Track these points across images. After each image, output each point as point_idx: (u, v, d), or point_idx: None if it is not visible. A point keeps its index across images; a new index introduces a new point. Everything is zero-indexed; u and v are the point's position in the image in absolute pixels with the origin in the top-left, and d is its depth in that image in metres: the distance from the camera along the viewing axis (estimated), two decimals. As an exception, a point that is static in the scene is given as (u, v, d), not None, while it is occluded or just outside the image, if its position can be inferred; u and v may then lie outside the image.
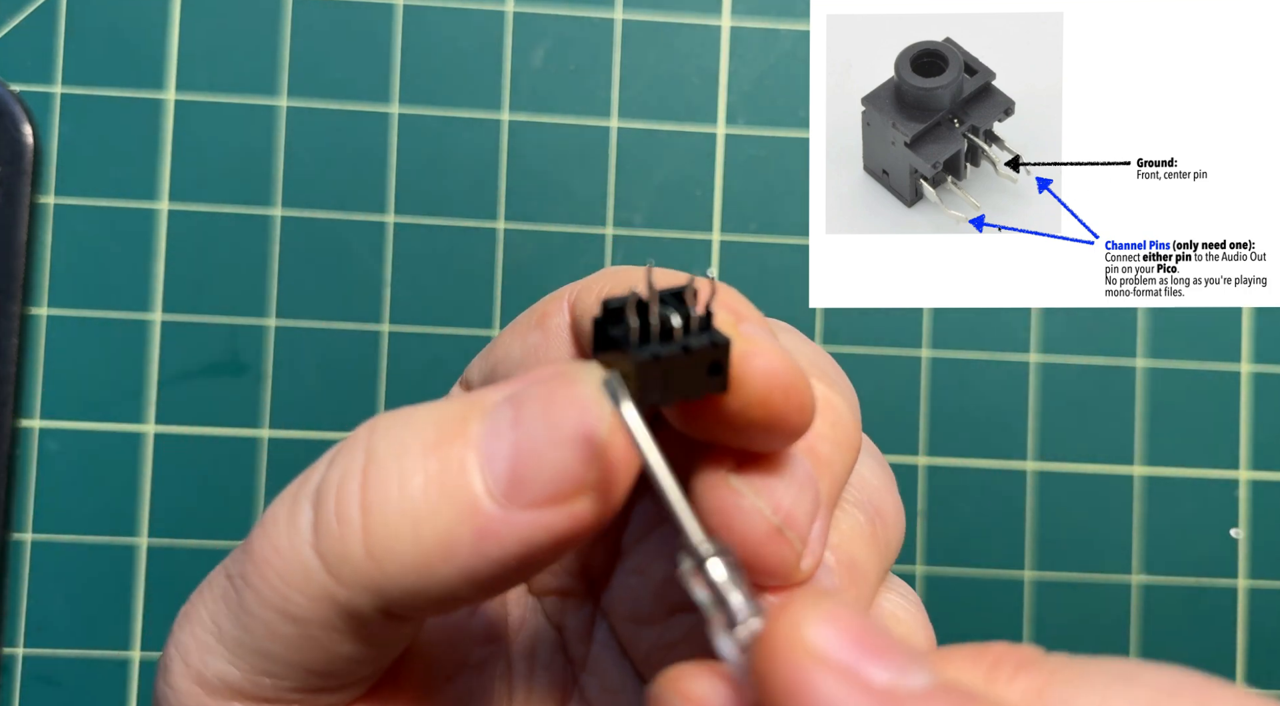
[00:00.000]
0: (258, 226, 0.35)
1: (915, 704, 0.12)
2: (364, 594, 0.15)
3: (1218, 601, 0.36)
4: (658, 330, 0.15)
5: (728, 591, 0.14)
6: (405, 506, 0.15)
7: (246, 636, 0.16)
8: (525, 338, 0.20)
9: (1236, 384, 0.36)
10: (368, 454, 0.16)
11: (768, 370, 0.16)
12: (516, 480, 0.15)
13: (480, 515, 0.15)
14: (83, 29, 0.35)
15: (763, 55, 0.36)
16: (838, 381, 0.19)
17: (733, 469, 0.17)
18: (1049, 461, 0.36)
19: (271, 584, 0.16)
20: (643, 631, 0.20)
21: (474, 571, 0.15)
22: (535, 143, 0.36)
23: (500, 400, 0.16)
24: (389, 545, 0.15)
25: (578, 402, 0.15)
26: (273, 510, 0.16)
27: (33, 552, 0.34)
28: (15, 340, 0.34)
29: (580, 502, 0.15)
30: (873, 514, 0.19)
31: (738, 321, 0.16)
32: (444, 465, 0.15)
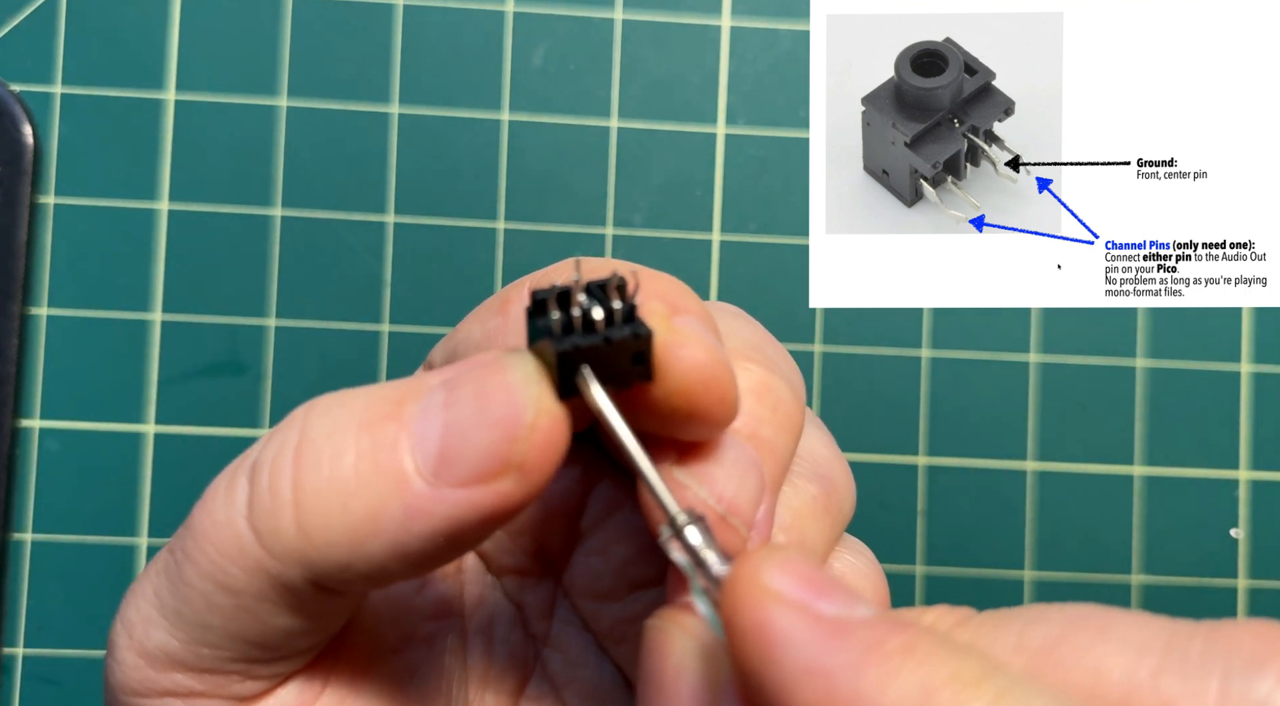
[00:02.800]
0: (258, 226, 0.35)
1: (859, 628, 0.13)
2: (295, 567, 0.16)
3: (1218, 601, 0.36)
4: (580, 322, 0.16)
5: (704, 553, 0.15)
6: (336, 482, 0.16)
7: (185, 607, 0.17)
8: (485, 322, 0.20)
9: (1236, 384, 0.36)
10: (302, 431, 0.16)
11: (689, 361, 0.16)
12: (445, 459, 0.15)
13: (409, 492, 0.15)
14: (83, 29, 0.35)
15: (763, 55, 0.36)
16: (779, 363, 0.19)
17: (676, 459, 0.17)
18: (1049, 461, 0.36)
19: (208, 555, 0.16)
20: (605, 607, 0.21)
21: (402, 547, 0.16)
22: (535, 143, 0.36)
23: (436, 383, 0.16)
24: (319, 519, 0.16)
25: (506, 387, 0.16)
26: (213, 485, 0.17)
27: (33, 552, 0.34)
28: (15, 340, 0.34)
29: (505, 482, 0.16)
30: (825, 485, 0.20)
31: (673, 313, 0.17)
32: (375, 442, 0.16)
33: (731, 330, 0.19)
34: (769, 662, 0.13)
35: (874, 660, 0.13)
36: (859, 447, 0.36)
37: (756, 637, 0.13)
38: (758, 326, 0.21)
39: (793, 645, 0.13)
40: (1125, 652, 0.14)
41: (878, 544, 0.35)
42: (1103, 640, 0.14)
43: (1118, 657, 0.14)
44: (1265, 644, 0.13)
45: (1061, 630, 0.14)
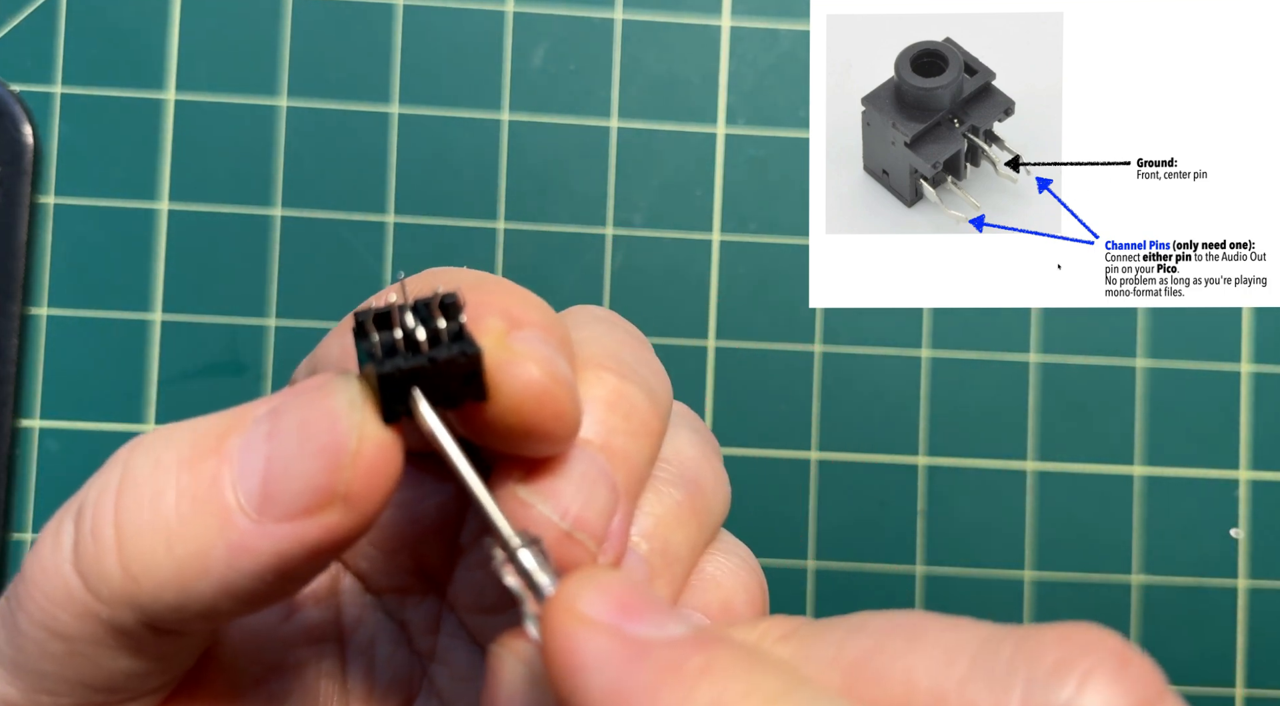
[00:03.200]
0: (258, 226, 0.35)
1: (661, 648, 0.13)
2: (125, 610, 0.15)
3: (1218, 601, 0.36)
4: (404, 343, 0.15)
5: (537, 576, 0.15)
6: (158, 522, 0.15)
7: (20, 655, 0.16)
8: (343, 338, 0.20)
9: (1236, 384, 0.36)
10: (124, 471, 0.16)
11: (521, 379, 0.16)
12: (268, 494, 0.15)
13: (233, 529, 0.15)
14: (83, 29, 0.35)
15: (763, 55, 0.36)
16: (637, 369, 0.19)
17: (522, 476, 0.17)
18: (1049, 461, 0.36)
19: (38, 603, 0.16)
20: (491, 620, 0.21)
21: (231, 585, 0.15)
22: (535, 143, 0.36)
23: (262, 413, 0.16)
24: (144, 562, 0.15)
25: (329, 415, 0.15)
26: (43, 530, 0.16)
27: (33, 552, 0.34)
28: (15, 340, 0.34)
29: (331, 514, 0.15)
30: (691, 488, 0.19)
31: (513, 327, 0.16)
32: (196, 480, 0.15)
33: (589, 338, 0.19)
34: (575, 687, 0.13)
35: (671, 680, 0.13)
36: (859, 448, 0.36)
37: (565, 662, 0.13)
38: (621, 329, 0.20)
39: (596, 668, 0.13)
40: (934, 661, 0.14)
41: (877, 544, 0.36)
42: (914, 649, 0.14)
43: (927, 666, 0.14)
44: (1069, 648, 0.13)
45: (876, 640, 0.14)
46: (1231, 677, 0.36)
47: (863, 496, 0.36)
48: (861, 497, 0.36)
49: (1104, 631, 0.14)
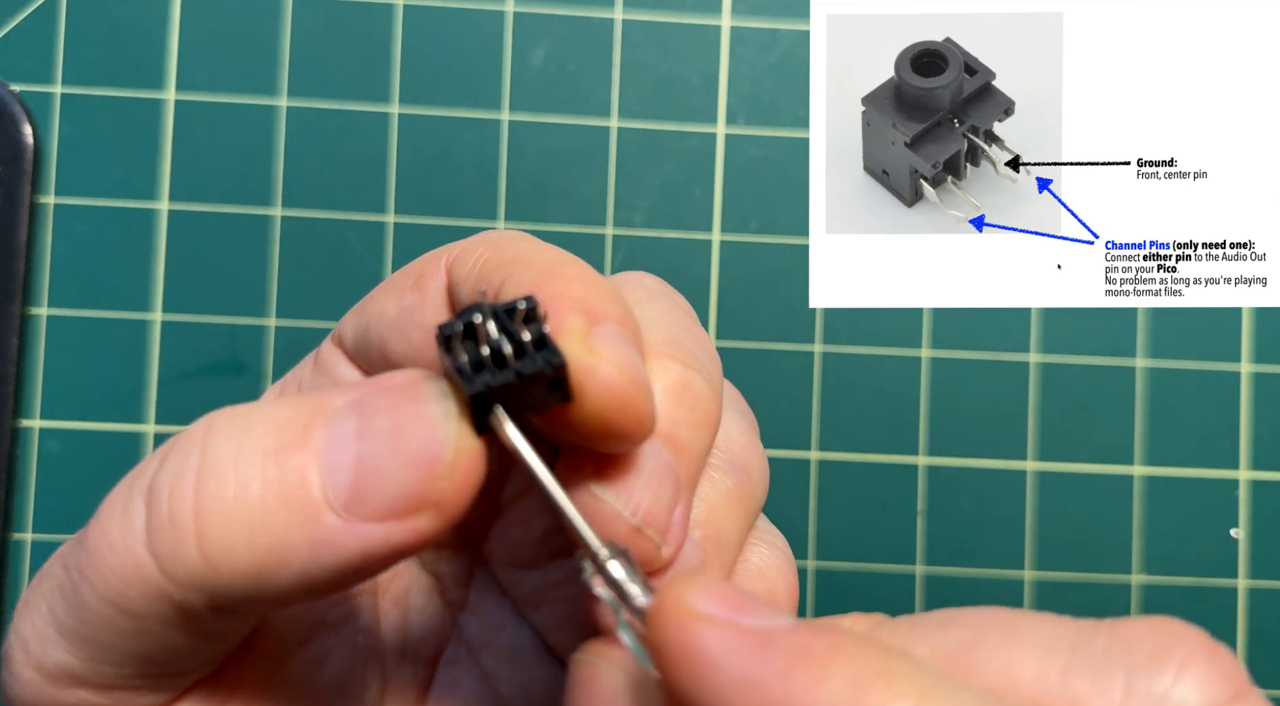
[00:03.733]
0: (258, 226, 0.35)
1: (784, 636, 0.14)
2: (197, 593, 0.15)
3: (1218, 601, 0.36)
4: (490, 358, 0.16)
5: (627, 586, 0.16)
6: (241, 512, 0.15)
7: (84, 628, 0.16)
8: (401, 298, 0.20)
9: (1236, 384, 0.36)
10: (203, 455, 0.16)
11: (605, 385, 0.16)
12: (359, 493, 0.15)
13: (319, 525, 0.15)
14: (83, 29, 0.35)
15: (763, 55, 0.36)
16: (697, 355, 0.19)
17: (593, 471, 0.17)
18: (1049, 461, 0.36)
19: (106, 579, 0.16)
20: (525, 576, 0.21)
21: (309, 578, 0.15)
22: (535, 143, 0.36)
23: (344, 406, 0.16)
24: (224, 550, 0.15)
25: (424, 422, 0.15)
26: (108, 504, 0.17)
27: (33, 552, 0.34)
28: (15, 340, 0.34)
29: (421, 519, 0.15)
30: (740, 475, 0.20)
31: (591, 323, 0.17)
32: (283, 473, 0.15)
33: (651, 320, 0.19)
34: (701, 681, 0.13)
35: (802, 664, 0.13)
36: (859, 447, 0.36)
37: (687, 658, 0.14)
38: (675, 306, 0.21)
39: (723, 660, 0.13)
40: (1034, 653, 0.14)
41: (878, 544, 0.35)
42: (1012, 642, 0.14)
43: (1027, 658, 0.14)
44: (1163, 640, 0.14)
45: (972, 633, 0.14)
46: (1231, 677, 0.36)
47: (863, 496, 0.36)
48: (861, 497, 0.36)
49: (1189, 625, 0.14)
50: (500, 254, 0.19)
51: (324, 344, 0.22)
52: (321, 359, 0.22)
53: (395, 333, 0.20)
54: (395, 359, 0.20)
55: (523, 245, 0.19)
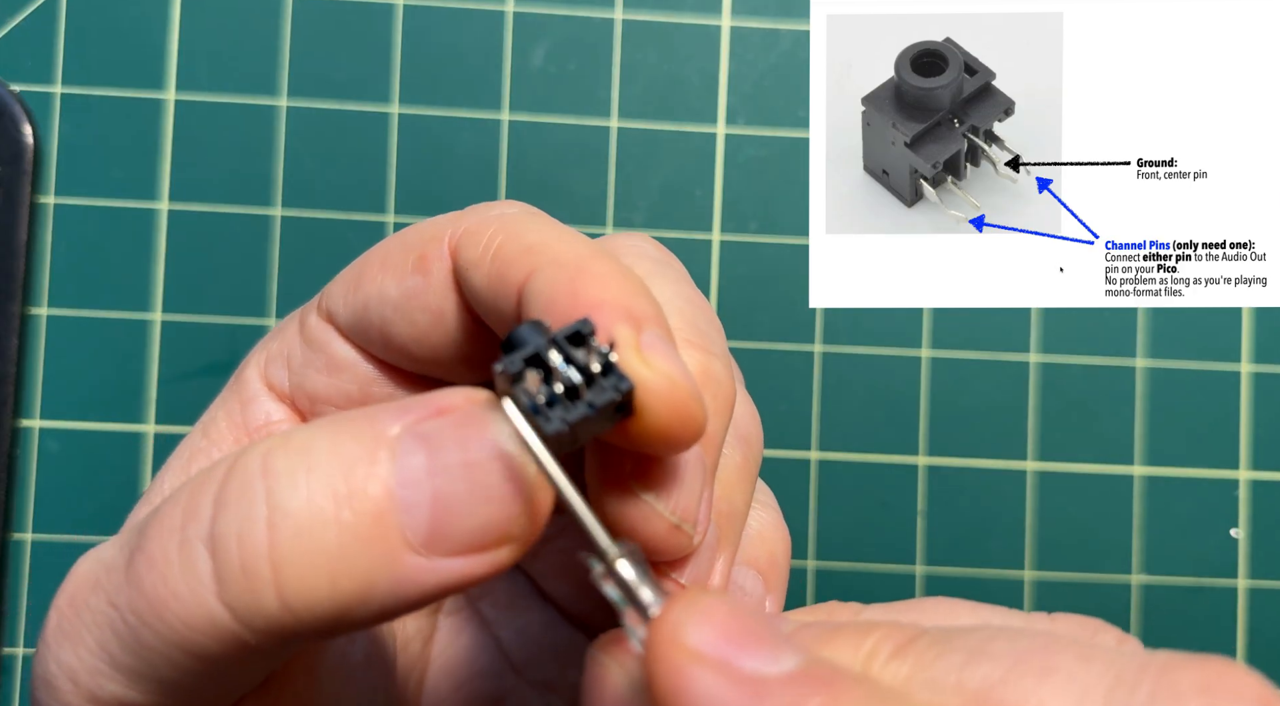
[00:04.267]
0: (258, 226, 0.35)
1: (779, 688, 0.13)
2: (275, 638, 0.15)
3: (1218, 601, 0.36)
4: (563, 393, 0.15)
5: (638, 588, 0.15)
6: (320, 560, 0.15)
7: (145, 667, 0.16)
8: (402, 280, 0.20)
9: (1236, 384, 0.36)
10: (270, 500, 0.15)
11: (668, 404, 0.16)
12: (438, 531, 0.15)
13: (400, 565, 0.15)
14: (83, 29, 0.35)
15: (763, 55, 0.36)
16: (710, 335, 0.19)
17: (633, 471, 0.17)
18: (1049, 461, 0.36)
19: (173, 627, 0.15)
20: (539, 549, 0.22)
21: (389, 611, 0.15)
22: (535, 143, 0.36)
23: (403, 435, 0.15)
24: (305, 598, 0.15)
25: (499, 460, 0.15)
26: (161, 547, 0.16)
27: (33, 552, 0.34)
28: (15, 340, 0.34)
29: (501, 552, 0.15)
30: (745, 447, 0.20)
31: (637, 330, 0.16)
32: (359, 517, 0.15)
33: (666, 300, 0.19)
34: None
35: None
36: (859, 447, 0.36)
37: (674, 699, 0.13)
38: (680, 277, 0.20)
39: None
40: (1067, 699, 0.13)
41: (878, 544, 0.35)
42: (1045, 683, 0.13)
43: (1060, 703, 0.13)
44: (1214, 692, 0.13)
45: (1004, 672, 0.14)
46: (1231, 677, 0.36)
47: (863, 496, 0.36)
48: (861, 497, 0.36)
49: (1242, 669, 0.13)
50: (515, 240, 0.18)
51: (309, 318, 0.22)
52: (310, 334, 0.22)
53: (399, 315, 0.20)
54: (399, 341, 0.20)
55: (536, 227, 0.19)
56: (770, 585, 0.20)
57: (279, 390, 0.21)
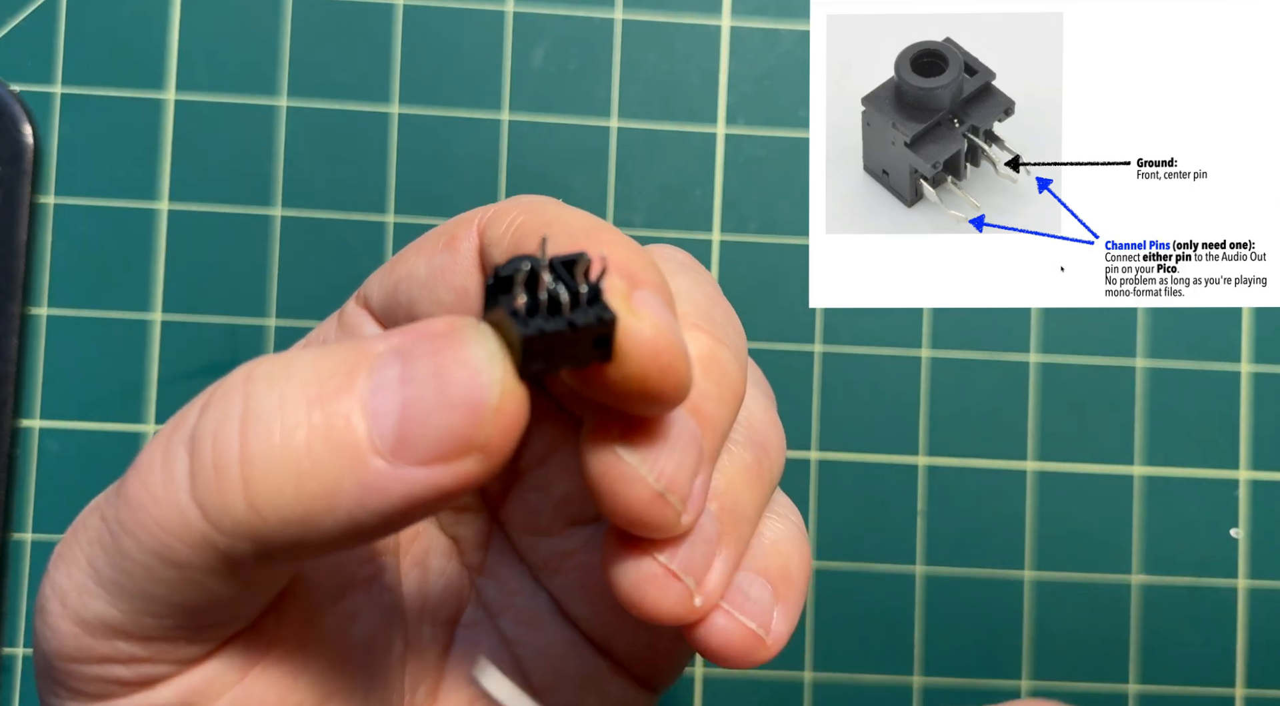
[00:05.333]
0: (258, 226, 0.35)
1: None
2: (244, 542, 0.16)
3: (1218, 601, 0.36)
4: (545, 304, 0.16)
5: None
6: (287, 459, 0.15)
7: (126, 579, 0.16)
8: (431, 258, 0.20)
9: (1236, 384, 0.36)
10: (246, 404, 0.16)
11: (648, 348, 0.16)
12: (404, 437, 0.15)
13: (366, 470, 0.15)
14: (83, 29, 0.35)
15: (763, 55, 0.36)
16: (726, 328, 0.19)
17: (619, 433, 0.17)
18: (1049, 461, 0.36)
19: (149, 530, 0.16)
20: (541, 541, 0.21)
21: (356, 522, 0.15)
22: (535, 143, 0.36)
23: (385, 351, 0.16)
24: (270, 497, 0.15)
25: (468, 366, 0.15)
26: (146, 455, 0.16)
27: (33, 552, 0.34)
28: (15, 340, 0.34)
29: (466, 462, 0.15)
30: (759, 450, 0.20)
31: (632, 287, 0.17)
32: (329, 419, 0.15)
33: (682, 292, 0.19)
34: None
35: None
36: (859, 447, 0.36)
37: None
38: (705, 279, 0.21)
39: None
40: None
41: (878, 544, 0.35)
42: None
43: None
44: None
45: None
46: (1231, 677, 0.36)
47: (863, 496, 0.36)
48: (861, 497, 0.36)
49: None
50: (535, 217, 0.19)
51: (348, 304, 0.22)
52: (346, 319, 0.22)
53: (425, 292, 0.20)
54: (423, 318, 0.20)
55: (558, 209, 0.19)
56: (781, 597, 0.19)
57: None
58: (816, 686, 0.35)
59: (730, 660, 0.19)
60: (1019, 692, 0.35)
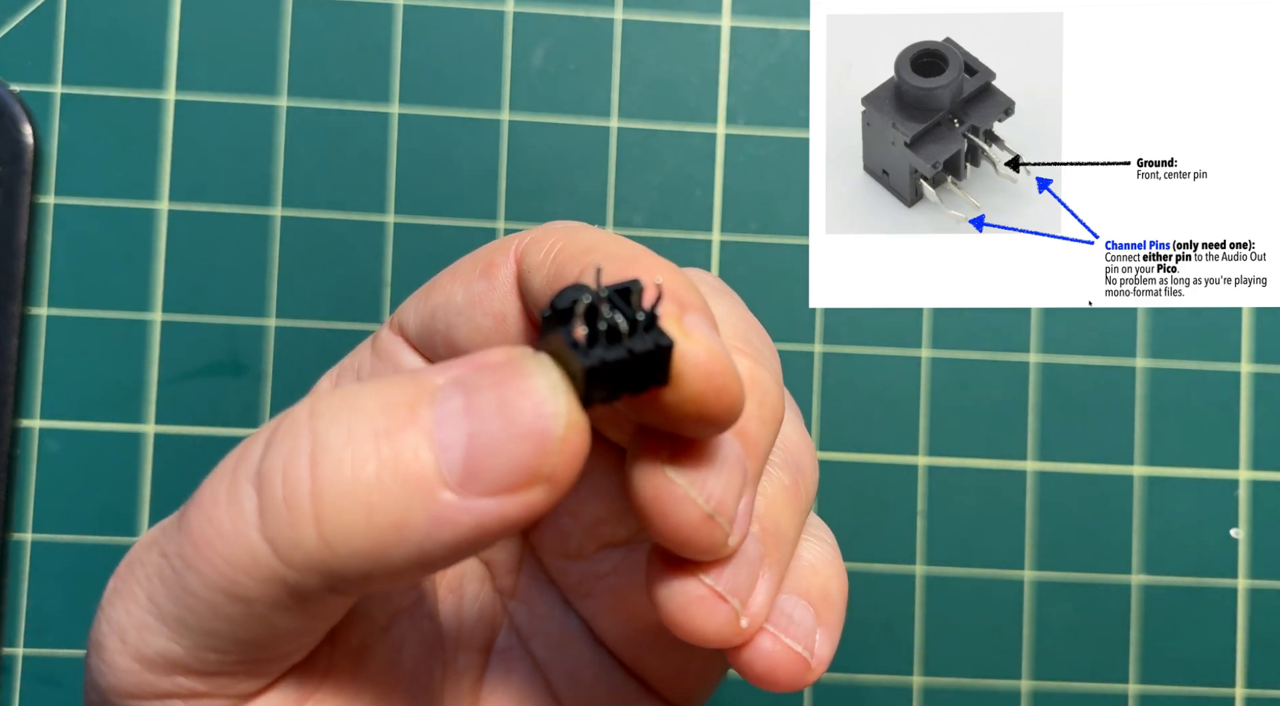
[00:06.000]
0: (258, 226, 0.35)
1: None
2: (314, 576, 0.16)
3: (1218, 601, 0.36)
4: (605, 333, 0.16)
5: None
6: (358, 493, 0.15)
7: (190, 615, 0.16)
8: (469, 285, 0.20)
9: (1236, 384, 0.36)
10: (314, 439, 0.16)
11: (705, 371, 0.16)
12: (472, 469, 0.15)
13: (435, 502, 0.15)
14: (83, 29, 0.35)
15: (763, 55, 0.36)
16: (763, 351, 0.20)
17: (668, 456, 0.17)
18: (1049, 461, 0.36)
19: (216, 567, 0.16)
20: (572, 564, 0.22)
21: (425, 554, 0.16)
22: (535, 143, 0.36)
23: (446, 384, 0.16)
24: (342, 530, 0.15)
25: (532, 397, 0.15)
26: (210, 490, 0.17)
27: (33, 552, 0.34)
28: (15, 340, 0.34)
29: (534, 492, 0.15)
30: (795, 472, 0.20)
31: (682, 311, 0.17)
32: (397, 452, 0.15)
33: (721, 317, 0.19)
34: None
35: None
36: (859, 447, 0.36)
37: None
38: (738, 303, 0.21)
39: None
40: None
41: (878, 544, 0.35)
42: None
43: None
44: None
45: None
46: (1231, 677, 0.36)
47: (863, 496, 0.36)
48: (861, 497, 0.36)
49: None
50: (575, 243, 0.19)
51: (382, 331, 0.22)
52: (380, 347, 0.22)
53: (463, 319, 0.20)
54: (461, 345, 0.20)
55: (596, 236, 0.19)
56: (822, 619, 0.20)
57: None
58: (817, 686, 0.35)
59: (776, 683, 0.19)
60: (1019, 692, 0.35)
